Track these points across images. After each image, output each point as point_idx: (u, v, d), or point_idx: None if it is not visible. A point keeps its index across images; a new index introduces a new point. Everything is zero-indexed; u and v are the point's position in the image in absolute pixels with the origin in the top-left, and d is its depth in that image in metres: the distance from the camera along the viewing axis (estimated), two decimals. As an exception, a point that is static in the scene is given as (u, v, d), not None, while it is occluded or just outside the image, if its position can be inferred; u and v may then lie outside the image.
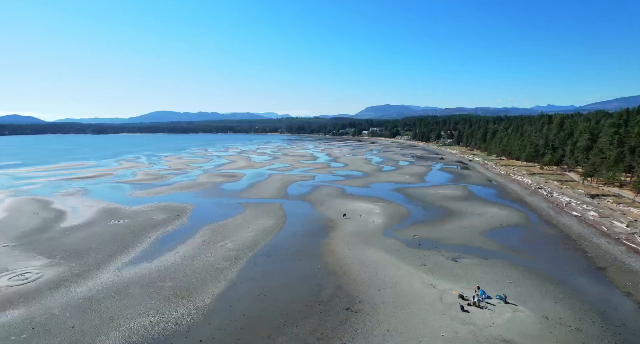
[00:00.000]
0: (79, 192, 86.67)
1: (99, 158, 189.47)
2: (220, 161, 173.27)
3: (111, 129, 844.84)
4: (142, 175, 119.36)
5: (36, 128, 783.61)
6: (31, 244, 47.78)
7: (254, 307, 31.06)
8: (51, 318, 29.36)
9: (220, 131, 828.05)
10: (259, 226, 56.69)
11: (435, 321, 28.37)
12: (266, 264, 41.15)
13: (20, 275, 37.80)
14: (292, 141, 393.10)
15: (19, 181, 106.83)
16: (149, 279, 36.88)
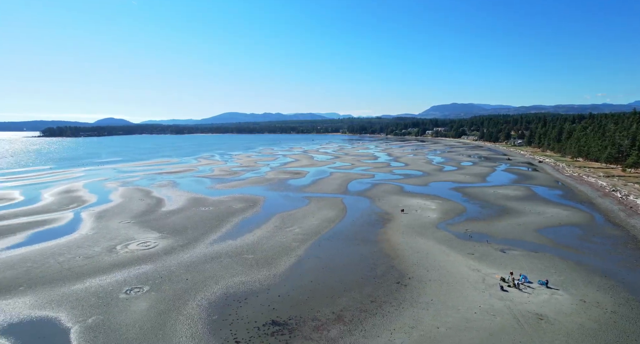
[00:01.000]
0: (170, 184, 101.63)
1: (180, 156, 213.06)
2: (285, 159, 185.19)
3: (187, 130, 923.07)
4: (218, 171, 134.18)
5: (126, 129, 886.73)
6: (144, 222, 60.02)
7: (319, 276, 37.82)
8: (170, 272, 39.00)
9: (284, 131, 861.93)
10: (323, 216, 63.75)
11: (474, 296, 32.57)
12: (329, 246, 47.85)
13: (143, 243, 49.05)
14: (353, 141, 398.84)
15: (123, 174, 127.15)
16: (234, 252, 45.58)
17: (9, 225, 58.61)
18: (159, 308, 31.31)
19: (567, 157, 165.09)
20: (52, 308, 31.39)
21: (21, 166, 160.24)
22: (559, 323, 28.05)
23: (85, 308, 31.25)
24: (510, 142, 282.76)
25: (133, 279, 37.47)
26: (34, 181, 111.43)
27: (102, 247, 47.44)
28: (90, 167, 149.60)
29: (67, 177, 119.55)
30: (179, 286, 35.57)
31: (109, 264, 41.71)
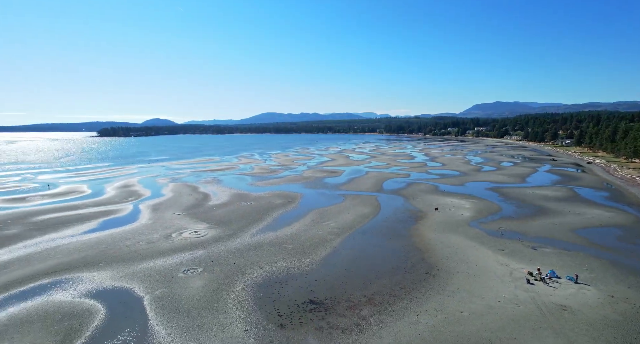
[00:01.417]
0: (214, 181, 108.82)
1: (222, 155, 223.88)
2: (322, 158, 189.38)
3: (227, 130, 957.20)
4: (258, 169, 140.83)
5: (171, 129, 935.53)
6: (194, 214, 66.16)
7: (352, 265, 41.00)
8: (220, 257, 43.90)
9: (320, 131, 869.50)
10: (357, 212, 66.74)
11: (500, 287, 34.30)
12: (362, 239, 50.86)
13: (194, 232, 54.74)
14: (390, 141, 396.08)
15: (171, 171, 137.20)
16: (275, 242, 49.82)
17: (83, 214, 66.99)
18: (212, 285, 36.00)
19: (620, 158, 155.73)
20: (126, 280, 37.09)
21: (85, 163, 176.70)
22: (582, 314, 29.31)
23: (152, 283, 36.62)
24: (558, 142, 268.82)
25: (188, 261, 42.70)
26: (96, 176, 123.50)
27: (160, 235, 53.58)
28: (142, 165, 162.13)
29: (124, 173, 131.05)
30: (227, 268, 40.24)
31: (167, 248, 47.44)
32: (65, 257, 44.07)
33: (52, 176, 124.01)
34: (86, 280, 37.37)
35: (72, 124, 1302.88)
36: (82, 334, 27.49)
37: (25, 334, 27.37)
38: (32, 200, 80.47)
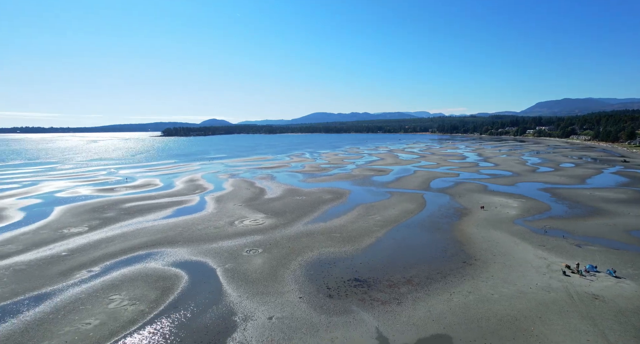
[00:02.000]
0: (268, 177, 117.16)
1: (274, 153, 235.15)
2: (371, 158, 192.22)
3: (278, 130, 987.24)
4: (308, 167, 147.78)
5: (226, 129, 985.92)
6: (252, 206, 73.73)
7: (394, 252, 44.98)
8: (276, 241, 50.16)
9: (370, 131, 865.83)
10: (402, 207, 70.01)
11: (534, 277, 36.40)
12: (405, 231, 54.42)
13: (254, 220, 61.89)
14: (442, 141, 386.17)
15: (229, 167, 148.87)
16: (325, 231, 55.09)
17: (160, 203, 77.58)
18: (270, 263, 42.08)
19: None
20: (201, 256, 44.52)
21: (154, 160, 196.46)
22: (613, 303, 30.86)
23: (222, 258, 43.62)
24: (636, 142, 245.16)
25: (250, 243, 49.41)
26: (166, 172, 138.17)
27: (225, 222, 61.33)
28: (204, 162, 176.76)
29: (188, 169, 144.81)
30: (283, 250, 46.24)
31: (232, 233, 54.73)
32: (152, 236, 53.03)
33: (129, 171, 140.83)
34: (171, 254, 45.40)
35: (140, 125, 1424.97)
36: (174, 291, 34.76)
37: (135, 288, 35.24)
38: (119, 191, 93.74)
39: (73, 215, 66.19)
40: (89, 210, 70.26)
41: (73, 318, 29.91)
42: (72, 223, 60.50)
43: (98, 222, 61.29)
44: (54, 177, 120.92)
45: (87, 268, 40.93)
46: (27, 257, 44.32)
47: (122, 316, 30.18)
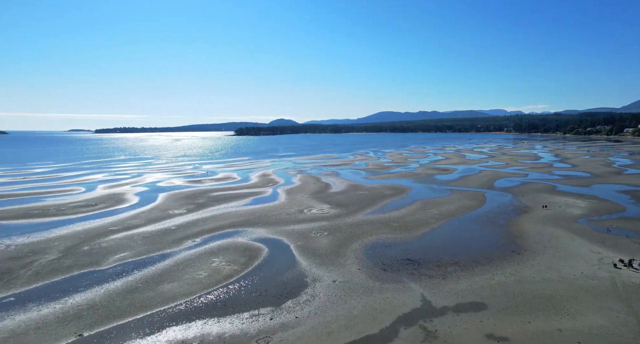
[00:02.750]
0: (333, 174, 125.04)
1: (339, 152, 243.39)
2: (436, 157, 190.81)
3: (343, 129, 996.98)
4: (372, 165, 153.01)
5: (293, 129, 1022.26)
6: (319, 198, 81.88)
7: (446, 241, 49.31)
8: (340, 227, 57.30)
9: (438, 130, 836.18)
10: (460, 204, 72.70)
11: (581, 267, 38.55)
12: (460, 224, 57.96)
13: (320, 209, 69.87)
14: (517, 141, 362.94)
15: (297, 164, 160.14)
16: (383, 220, 60.83)
17: (240, 193, 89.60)
18: (334, 243, 49.25)
19: None
20: (277, 235, 53.35)
21: (231, 157, 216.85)
22: (656, 293, 32.45)
23: (294, 238, 51.92)
24: None
25: (317, 228, 57.17)
26: (241, 167, 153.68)
27: (295, 210, 70.09)
28: (274, 159, 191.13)
29: (261, 166, 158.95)
30: (345, 234, 53.17)
31: (301, 219, 63.10)
32: (236, 218, 63.60)
33: (211, 166, 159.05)
34: (253, 232, 54.97)
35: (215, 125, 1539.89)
36: (258, 258, 43.70)
37: (229, 254, 44.96)
38: (205, 182, 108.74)
39: (174, 200, 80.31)
40: (184, 197, 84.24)
41: (189, 270, 40.07)
42: (174, 206, 74.00)
43: (193, 206, 74.06)
44: (153, 170, 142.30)
45: (191, 238, 51.98)
46: (148, 228, 57.14)
47: (222, 271, 39.61)
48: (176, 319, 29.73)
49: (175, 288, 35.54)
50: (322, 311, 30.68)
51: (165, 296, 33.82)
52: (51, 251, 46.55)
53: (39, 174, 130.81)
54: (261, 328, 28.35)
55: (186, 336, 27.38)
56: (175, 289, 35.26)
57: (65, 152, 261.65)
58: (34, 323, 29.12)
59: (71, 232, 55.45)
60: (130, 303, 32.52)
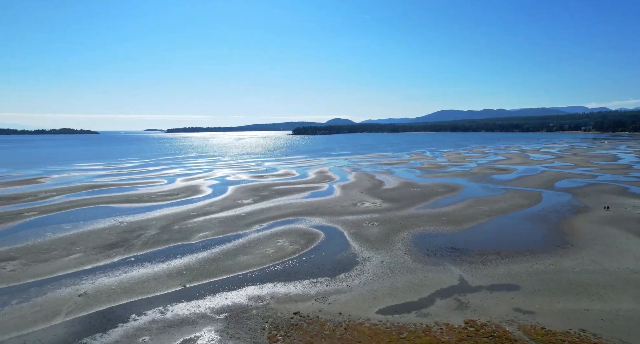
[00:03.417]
0: (387, 172, 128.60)
1: (394, 151, 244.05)
2: (496, 157, 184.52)
3: (401, 128, 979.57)
4: (427, 164, 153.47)
5: (349, 128, 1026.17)
6: (372, 193, 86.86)
7: (492, 234, 51.85)
8: (390, 219, 62.07)
9: (504, 129, 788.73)
10: (513, 202, 73.20)
11: (629, 262, 39.47)
12: (509, 220, 59.56)
13: (372, 203, 75.00)
14: (595, 141, 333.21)
15: (353, 163, 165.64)
16: (432, 215, 64.26)
17: (299, 187, 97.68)
18: (384, 232, 54.24)
19: None
20: (333, 224, 59.67)
21: (289, 155, 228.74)
22: (701, 289, 33.05)
23: (347, 226, 57.83)
24: None
25: (369, 219, 62.47)
26: (299, 164, 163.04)
27: (349, 203, 75.91)
28: (330, 158, 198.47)
29: (318, 163, 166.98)
30: (395, 225, 57.85)
31: (355, 211, 68.77)
32: (296, 209, 71.13)
33: (271, 163, 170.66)
34: (311, 220, 61.90)
35: (273, 124, 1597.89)
36: (316, 241, 50.36)
37: (290, 237, 52.26)
38: (267, 177, 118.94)
39: (241, 192, 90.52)
40: (250, 189, 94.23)
41: (258, 247, 47.93)
42: (242, 197, 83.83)
43: (258, 198, 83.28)
44: (221, 166, 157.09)
45: (259, 223, 60.27)
46: (222, 215, 66.80)
47: (286, 249, 46.83)
48: (252, 281, 37.25)
49: (249, 260, 43.39)
50: (369, 283, 36.27)
51: (242, 265, 41.72)
52: (151, 228, 57.58)
53: (129, 168, 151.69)
54: (319, 291, 34.73)
55: (260, 293, 34.64)
56: (249, 260, 43.09)
57: (146, 150, 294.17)
58: (151, 275, 38.53)
59: (163, 215, 66.89)
60: (216, 268, 40.86)
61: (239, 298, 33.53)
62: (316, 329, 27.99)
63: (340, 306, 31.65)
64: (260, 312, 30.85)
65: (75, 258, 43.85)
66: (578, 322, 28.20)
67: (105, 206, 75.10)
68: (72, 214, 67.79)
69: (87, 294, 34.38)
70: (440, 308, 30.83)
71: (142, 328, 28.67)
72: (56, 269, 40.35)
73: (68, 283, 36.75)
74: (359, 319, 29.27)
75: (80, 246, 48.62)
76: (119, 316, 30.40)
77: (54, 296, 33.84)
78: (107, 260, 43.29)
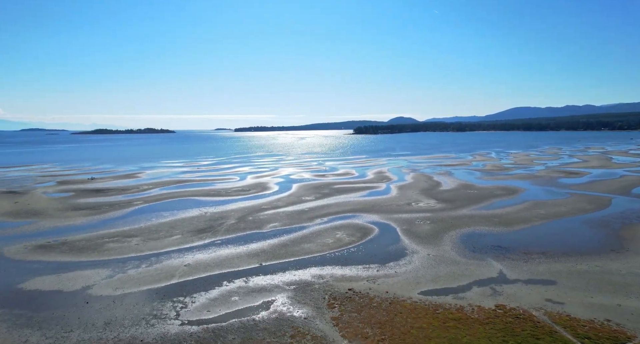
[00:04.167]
0: (446, 173, 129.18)
1: (458, 152, 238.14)
2: (570, 160, 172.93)
3: (468, 127, 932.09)
4: (489, 166, 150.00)
5: (413, 127, 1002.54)
6: (427, 194, 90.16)
7: (542, 236, 53.48)
8: (442, 218, 65.84)
9: (589, 128, 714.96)
10: (575, 206, 72.06)
11: (679, 268, 39.72)
12: (565, 224, 60.06)
13: (427, 203, 78.81)
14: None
15: (412, 163, 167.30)
16: (485, 216, 66.51)
17: (357, 186, 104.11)
18: (434, 229, 58.55)
19: None
20: (387, 220, 65.24)
21: (349, 155, 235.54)
22: None
23: (400, 223, 63.03)
24: None
25: (421, 217, 66.84)
26: (359, 164, 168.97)
27: (404, 202, 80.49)
28: (390, 158, 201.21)
29: (377, 163, 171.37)
30: (446, 224, 61.68)
31: (408, 210, 73.37)
32: (354, 206, 77.73)
33: (332, 163, 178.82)
34: (367, 217, 68.09)
35: (334, 124, 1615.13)
36: (371, 234, 56.60)
37: (348, 230, 59.11)
38: (328, 176, 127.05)
39: (304, 190, 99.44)
40: (312, 187, 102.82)
41: (320, 237, 55.49)
42: (305, 194, 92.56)
43: (320, 195, 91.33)
44: (285, 165, 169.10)
45: (320, 218, 67.96)
46: (288, 209, 75.80)
47: (344, 240, 53.76)
48: (314, 264, 44.76)
49: (311, 247, 51.09)
50: (415, 270, 41.72)
51: (306, 251, 49.52)
52: (230, 218, 68.31)
53: (206, 166, 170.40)
54: (370, 274, 41.09)
55: (321, 273, 41.96)
56: (312, 248, 50.77)
57: (218, 149, 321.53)
58: (235, 255, 48.06)
59: (238, 207, 77.82)
60: (285, 252, 49.17)
61: (304, 276, 41.21)
62: (365, 301, 34.47)
63: (387, 286, 37.72)
64: (321, 286, 38.14)
65: (177, 239, 55.33)
66: (605, 314, 31.02)
67: (191, 198, 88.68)
68: (168, 204, 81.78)
69: (190, 265, 44.64)
70: (475, 293, 35.40)
71: (232, 291, 37.57)
72: (165, 245, 51.86)
73: (175, 256, 47.61)
74: (402, 298, 35.11)
75: (178, 229, 60.45)
76: (215, 282, 39.76)
77: (168, 264, 44.62)
78: (200, 241, 54.00)
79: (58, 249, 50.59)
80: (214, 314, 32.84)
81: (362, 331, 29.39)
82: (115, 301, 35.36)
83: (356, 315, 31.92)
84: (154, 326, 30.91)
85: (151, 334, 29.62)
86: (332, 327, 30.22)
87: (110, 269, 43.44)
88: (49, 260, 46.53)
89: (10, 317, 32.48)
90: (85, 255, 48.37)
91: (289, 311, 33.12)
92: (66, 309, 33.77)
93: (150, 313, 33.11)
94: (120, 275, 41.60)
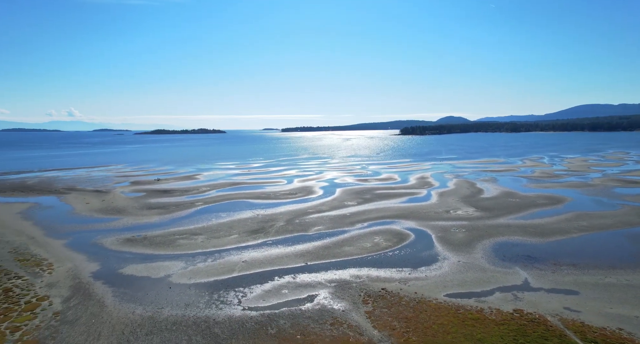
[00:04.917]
0: (490, 180, 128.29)
1: (507, 156, 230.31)
2: (635, 166, 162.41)
3: (524, 127, 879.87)
4: (538, 173, 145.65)
5: (463, 127, 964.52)
6: (467, 201, 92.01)
7: (576, 248, 54.84)
8: (477, 226, 68.53)
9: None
10: (622, 219, 71.05)
11: None
12: (606, 237, 60.54)
13: (465, 211, 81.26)
14: None
15: (456, 168, 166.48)
16: (522, 226, 67.98)
17: (398, 192, 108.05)
18: (468, 237, 61.79)
19: None
20: (423, 227, 69.30)
21: (393, 158, 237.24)
22: None
23: (436, 230, 66.83)
24: None
25: (457, 225, 69.98)
26: (402, 169, 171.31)
27: (443, 210, 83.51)
28: (434, 162, 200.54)
29: (420, 168, 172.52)
30: (481, 233, 64.53)
31: (446, 217, 76.56)
32: (393, 212, 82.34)
33: (375, 167, 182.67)
34: (405, 223, 72.58)
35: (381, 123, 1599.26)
36: (407, 239, 61.35)
37: (386, 235, 64.27)
38: (370, 181, 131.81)
39: (347, 194, 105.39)
40: (355, 192, 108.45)
41: (359, 241, 61.26)
42: (348, 199, 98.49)
43: (361, 200, 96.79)
44: (330, 169, 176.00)
45: (360, 223, 73.58)
46: (331, 213, 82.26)
47: (381, 244, 59.08)
48: (353, 265, 50.69)
49: (351, 250, 57.03)
50: (444, 275, 46.18)
51: (346, 253, 55.58)
52: (279, 220, 76.19)
53: (256, 168, 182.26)
54: (402, 277, 46.24)
55: (359, 273, 47.80)
56: (351, 250, 56.71)
57: (266, 150, 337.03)
58: (284, 254, 55.44)
59: (286, 210, 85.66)
60: (327, 253, 55.61)
61: (343, 275, 47.34)
62: (396, 299, 39.84)
63: (416, 288, 42.71)
64: (358, 285, 44.03)
65: (234, 238, 64.03)
66: (619, 323, 33.72)
67: (244, 200, 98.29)
68: (225, 206, 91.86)
69: (246, 262, 52.64)
70: (496, 298, 39.32)
71: (282, 284, 44.70)
72: (225, 243, 60.66)
73: (234, 253, 56.00)
74: (428, 298, 40.00)
75: (235, 229, 69.31)
76: (268, 277, 47.19)
77: (229, 260, 53.01)
78: (254, 241, 62.17)
79: (141, 243, 61.30)
80: (268, 303, 40.07)
81: (390, 324, 34.90)
82: (190, 288, 43.97)
83: (386, 311, 37.44)
84: (222, 309, 38.75)
85: (221, 315, 37.44)
86: (365, 319, 36.04)
87: (183, 262, 52.64)
88: (136, 252, 57.08)
89: (120, 294, 42.32)
90: (163, 249, 58.39)
91: (329, 304, 39.44)
92: (156, 291, 42.92)
93: (218, 299, 41.12)
94: (191, 267, 50.55)
